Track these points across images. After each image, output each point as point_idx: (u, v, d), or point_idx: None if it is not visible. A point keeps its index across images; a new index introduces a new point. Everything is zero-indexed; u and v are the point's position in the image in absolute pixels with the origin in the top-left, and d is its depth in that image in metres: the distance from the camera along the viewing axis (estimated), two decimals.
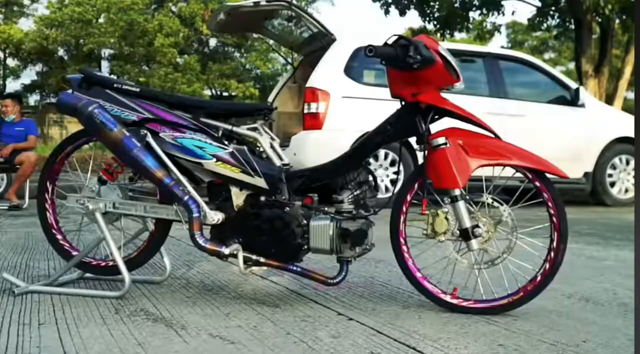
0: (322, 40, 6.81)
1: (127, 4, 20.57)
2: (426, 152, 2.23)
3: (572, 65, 30.62)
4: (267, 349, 1.80)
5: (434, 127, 2.27)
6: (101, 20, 21.36)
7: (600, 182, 7.36)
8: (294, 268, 2.32)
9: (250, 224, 2.30)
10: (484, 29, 12.19)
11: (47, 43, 20.76)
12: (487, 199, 2.24)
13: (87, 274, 2.68)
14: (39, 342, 1.83)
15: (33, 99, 25.75)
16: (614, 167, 7.43)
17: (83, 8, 20.86)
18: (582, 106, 7.27)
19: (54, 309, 2.21)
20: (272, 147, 2.39)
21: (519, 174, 2.26)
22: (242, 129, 2.38)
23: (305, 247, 2.29)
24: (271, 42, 25.46)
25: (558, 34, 12.01)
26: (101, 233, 2.42)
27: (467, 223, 2.19)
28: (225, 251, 2.25)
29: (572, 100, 7.24)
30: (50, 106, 23.92)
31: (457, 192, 2.19)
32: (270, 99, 7.96)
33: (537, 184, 2.21)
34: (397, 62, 2.12)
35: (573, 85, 7.45)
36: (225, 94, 24.65)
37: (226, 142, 2.32)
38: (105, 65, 24.28)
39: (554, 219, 2.20)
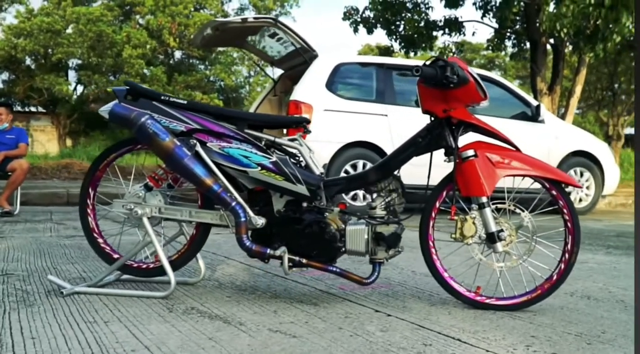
0: (304, 56, 6.93)
1: (96, 15, 20.29)
2: (455, 163, 2.36)
3: (516, 83, 31.50)
4: (330, 342, 1.89)
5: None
6: (69, 30, 21.01)
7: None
8: (333, 269, 2.41)
9: (293, 228, 2.39)
10: (446, 48, 12.53)
11: (16, 52, 20.31)
12: (509, 206, 2.39)
13: (123, 276, 2.72)
14: (115, 338, 1.88)
15: None
16: None
17: (52, 18, 20.45)
18: (542, 121, 7.56)
19: (110, 309, 2.25)
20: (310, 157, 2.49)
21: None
22: (284, 140, 2.48)
23: (343, 249, 2.39)
24: (235, 55, 25.36)
25: (513, 54, 12.43)
26: (148, 237, 2.47)
27: (493, 228, 2.33)
28: (275, 253, 2.34)
29: (533, 116, 7.52)
30: (16, 114, 23.33)
31: (484, 199, 2.33)
32: (251, 111, 8.02)
33: (554, 192, 2.37)
34: (435, 81, 2.24)
35: (534, 102, 7.73)
36: None
37: (269, 152, 2.41)
38: (72, 74, 23.91)
39: (569, 224, 2.36)
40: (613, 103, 19.88)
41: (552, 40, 10.58)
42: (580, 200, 7.86)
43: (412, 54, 12.43)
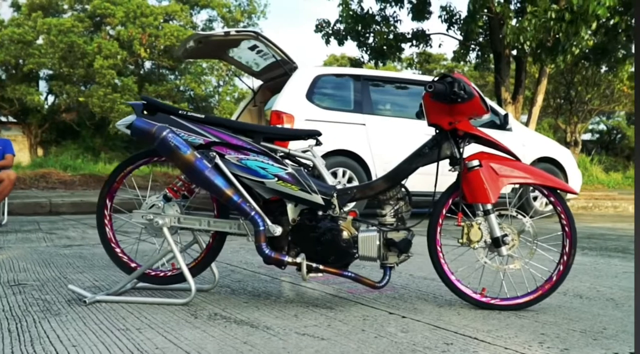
0: (284, 67, 6.99)
1: (67, 26, 19.97)
2: (461, 172, 2.45)
3: None
4: (358, 343, 1.95)
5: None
6: (40, 41, 20.64)
7: (525, 197, 7.85)
8: (348, 274, 2.47)
9: (310, 236, 2.44)
10: (413, 59, 12.75)
11: None
12: (511, 212, 2.49)
13: (139, 284, 2.73)
14: (153, 344, 1.90)
15: None
16: None
17: (23, 29, 20.04)
18: (510, 130, 7.75)
19: (136, 316, 2.27)
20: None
21: None
22: (298, 152, 2.53)
23: (356, 255, 2.45)
24: (204, 65, 25.19)
25: (477, 65, 12.70)
26: (168, 246, 2.49)
27: (498, 233, 2.42)
28: (296, 259, 2.39)
29: (501, 124, 7.70)
30: None
31: (489, 206, 2.42)
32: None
33: (552, 199, 2.48)
34: (445, 96, 2.32)
35: (502, 111, 7.92)
36: None
37: (285, 163, 2.46)
38: (43, 85, 23.47)
39: (566, 228, 2.46)
40: (570, 111, 20.44)
41: (514, 52, 10.84)
42: (546, 204, 8.07)
43: (380, 64, 12.60)
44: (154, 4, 24.22)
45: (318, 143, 2.61)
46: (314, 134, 2.59)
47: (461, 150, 2.47)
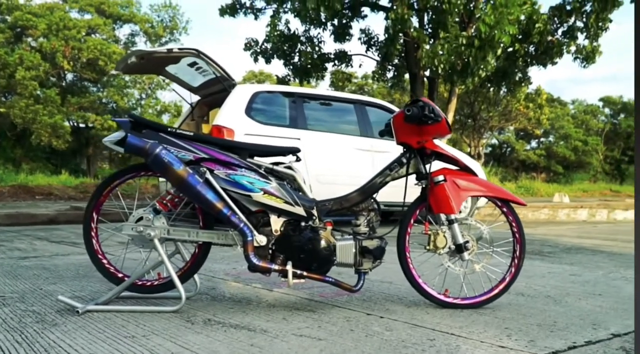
0: (223, 84, 7.00)
1: None
2: (427, 186, 2.60)
3: None
4: (354, 342, 2.04)
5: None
6: None
7: None
8: (329, 279, 2.56)
9: (293, 245, 2.51)
10: (337, 77, 13.05)
11: None
12: (471, 221, 2.67)
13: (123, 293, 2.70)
14: (167, 350, 1.91)
15: None
16: None
17: None
18: None
19: (134, 324, 2.25)
20: (304, 182, 2.63)
21: None
22: (281, 167, 2.60)
23: (336, 262, 2.55)
24: (127, 78, 24.52)
25: (393, 84, 13.14)
26: (159, 257, 2.49)
27: (461, 240, 2.59)
28: (285, 267, 2.45)
29: None
30: None
31: (453, 216, 2.59)
32: None
33: (504, 209, 2.68)
34: (417, 118, 2.47)
35: None
36: (82, 125, 23.46)
37: (269, 178, 2.52)
38: None
39: (517, 235, 2.67)
40: (474, 127, 21.50)
41: (427, 73, 11.32)
42: (460, 211, 8.47)
43: (305, 82, 12.80)
44: (77, 17, 23.42)
45: (298, 159, 2.69)
46: (294, 151, 2.66)
47: (428, 166, 2.63)
